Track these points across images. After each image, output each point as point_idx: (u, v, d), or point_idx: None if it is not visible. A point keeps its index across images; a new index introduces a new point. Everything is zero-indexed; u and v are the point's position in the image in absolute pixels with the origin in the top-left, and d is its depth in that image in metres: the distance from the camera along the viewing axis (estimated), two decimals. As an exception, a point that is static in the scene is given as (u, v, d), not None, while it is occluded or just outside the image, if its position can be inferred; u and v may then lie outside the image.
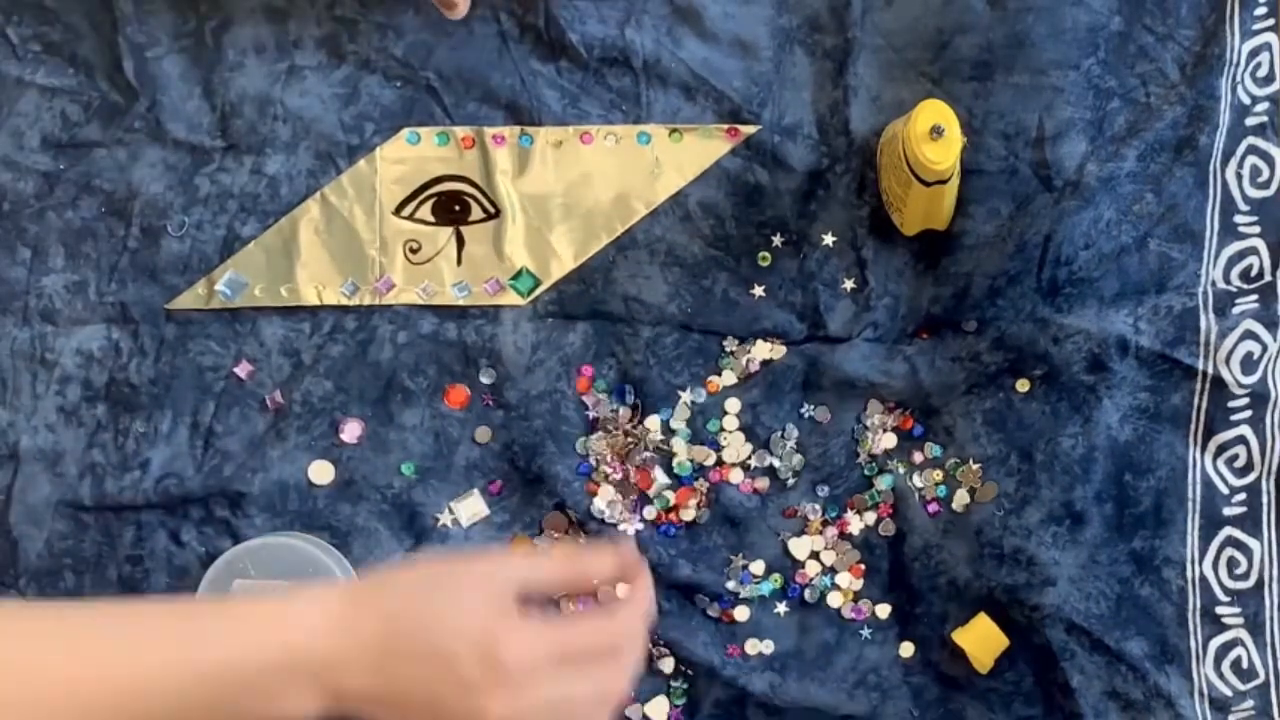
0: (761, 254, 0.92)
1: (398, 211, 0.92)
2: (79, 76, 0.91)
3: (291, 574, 0.87)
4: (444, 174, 0.92)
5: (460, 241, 0.92)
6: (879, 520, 0.93)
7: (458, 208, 0.92)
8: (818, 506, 0.93)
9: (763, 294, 0.92)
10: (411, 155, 0.92)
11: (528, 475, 0.92)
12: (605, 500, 0.92)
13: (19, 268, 0.91)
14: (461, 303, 0.92)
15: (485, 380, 0.92)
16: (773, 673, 0.92)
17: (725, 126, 0.92)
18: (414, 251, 0.92)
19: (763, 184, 0.92)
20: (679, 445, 0.92)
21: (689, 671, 0.92)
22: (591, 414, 0.92)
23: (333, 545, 0.91)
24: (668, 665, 0.92)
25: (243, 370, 0.91)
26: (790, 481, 0.93)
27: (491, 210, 0.92)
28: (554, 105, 0.92)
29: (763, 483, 0.93)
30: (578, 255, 0.92)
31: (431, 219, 0.92)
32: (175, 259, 0.91)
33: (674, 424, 0.92)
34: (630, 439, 0.92)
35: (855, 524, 0.93)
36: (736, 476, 0.93)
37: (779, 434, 0.93)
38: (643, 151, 0.92)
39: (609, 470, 0.92)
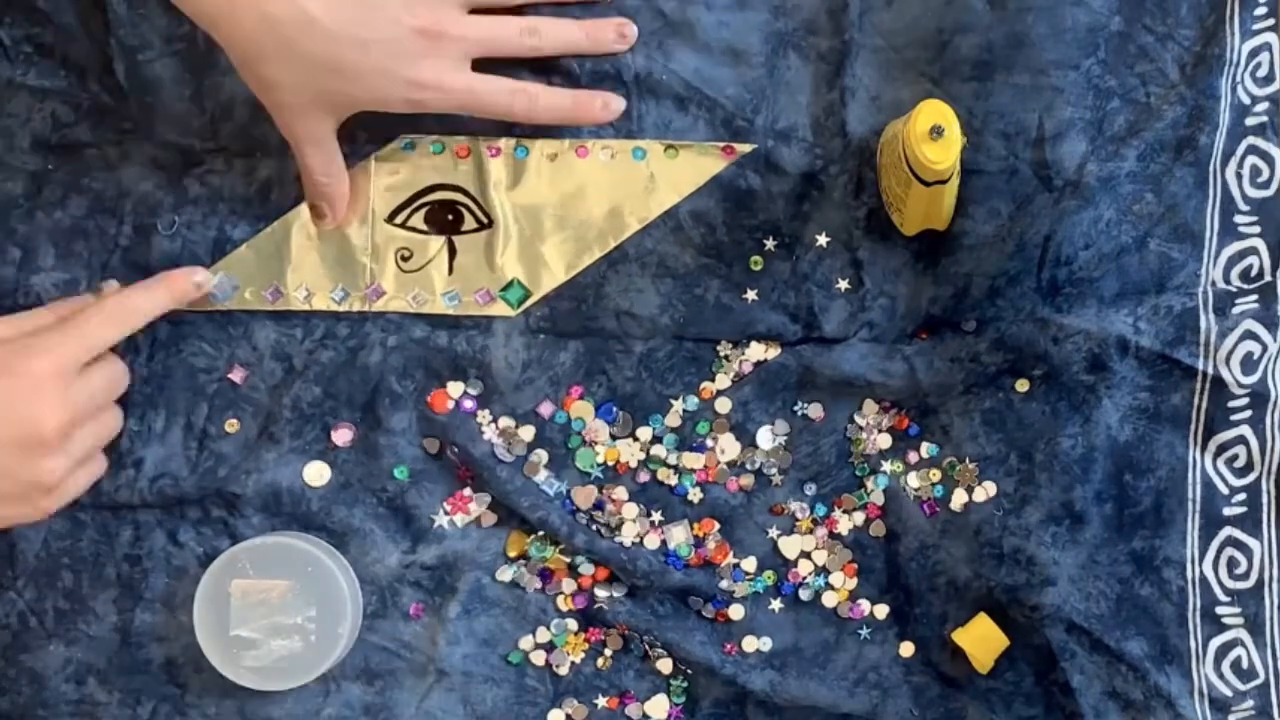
0: (754, 258, 0.92)
1: (390, 219, 0.91)
2: (70, 78, 0.90)
3: (291, 574, 0.87)
4: (438, 183, 0.91)
5: (452, 251, 0.91)
6: (868, 520, 0.93)
7: (450, 217, 0.91)
8: (805, 505, 0.93)
9: (755, 298, 0.92)
10: (406, 163, 0.91)
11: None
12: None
13: (9, 267, 0.90)
14: (451, 312, 0.91)
15: (472, 391, 0.92)
16: (772, 670, 0.92)
17: (721, 145, 0.91)
18: (405, 259, 0.91)
19: (755, 189, 0.91)
20: (666, 452, 0.92)
21: (688, 670, 0.92)
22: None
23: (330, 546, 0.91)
24: (666, 665, 0.92)
25: (237, 375, 0.91)
26: (776, 479, 0.93)
27: (484, 220, 0.91)
28: (546, 121, 0.91)
29: (748, 480, 0.93)
30: (569, 267, 0.91)
31: (424, 227, 0.91)
32: (167, 258, 0.90)
33: (661, 431, 0.92)
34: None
35: (844, 524, 0.93)
36: (722, 475, 0.93)
37: (766, 429, 0.92)
38: (637, 167, 0.91)
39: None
